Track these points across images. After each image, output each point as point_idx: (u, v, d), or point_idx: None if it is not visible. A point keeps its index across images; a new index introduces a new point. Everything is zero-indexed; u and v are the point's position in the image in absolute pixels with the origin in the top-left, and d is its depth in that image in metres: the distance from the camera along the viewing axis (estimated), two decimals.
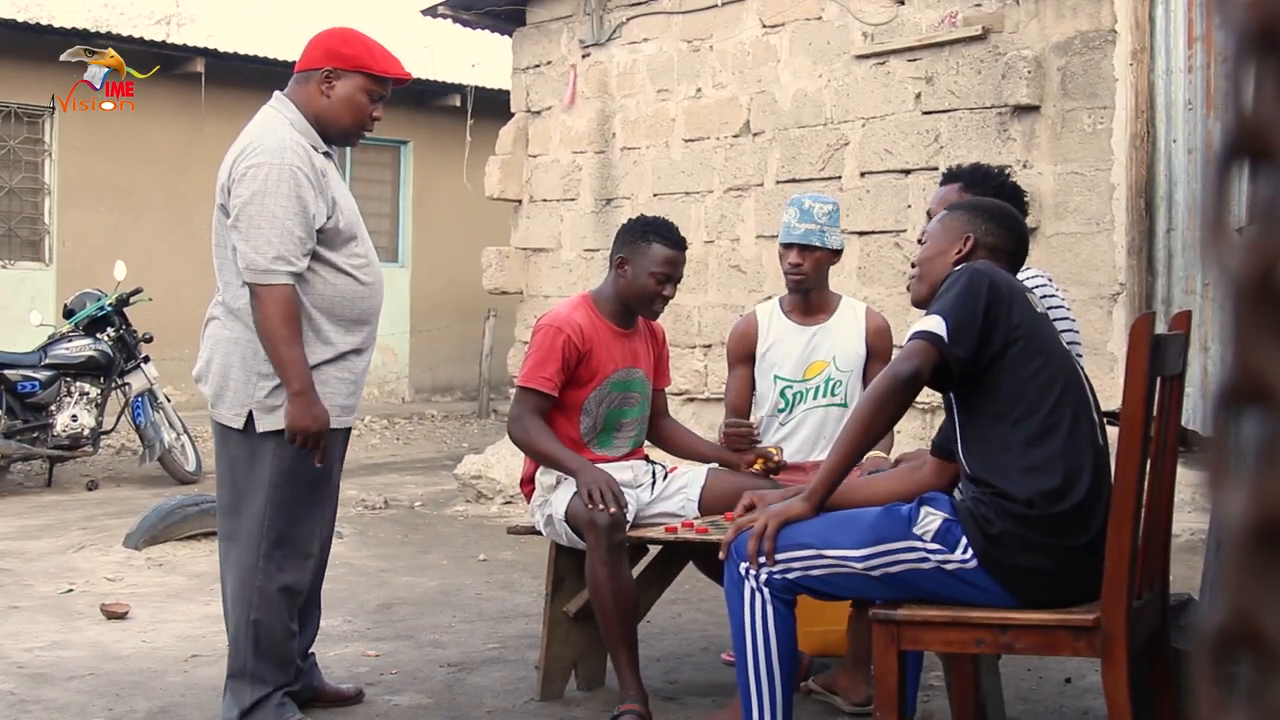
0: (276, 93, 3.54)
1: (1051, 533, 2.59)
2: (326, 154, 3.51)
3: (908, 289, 3.03)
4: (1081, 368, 2.82)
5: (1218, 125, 5.67)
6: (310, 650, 3.74)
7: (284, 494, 3.41)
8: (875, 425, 2.67)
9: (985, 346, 2.64)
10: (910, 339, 2.67)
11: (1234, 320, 0.59)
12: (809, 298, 4.03)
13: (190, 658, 4.34)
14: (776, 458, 3.79)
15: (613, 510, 3.50)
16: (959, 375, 2.65)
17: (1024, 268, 3.47)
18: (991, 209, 2.99)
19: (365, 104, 3.51)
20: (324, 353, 3.42)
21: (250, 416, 3.39)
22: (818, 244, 3.92)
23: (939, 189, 3.61)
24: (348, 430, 3.60)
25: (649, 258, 3.76)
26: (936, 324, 2.63)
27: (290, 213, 3.30)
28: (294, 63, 3.64)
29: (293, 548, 3.46)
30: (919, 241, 3.03)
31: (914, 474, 2.97)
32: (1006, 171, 3.60)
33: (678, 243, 3.82)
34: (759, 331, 4.07)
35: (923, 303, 2.93)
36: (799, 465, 3.89)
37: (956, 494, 2.81)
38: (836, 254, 4.00)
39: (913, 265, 2.99)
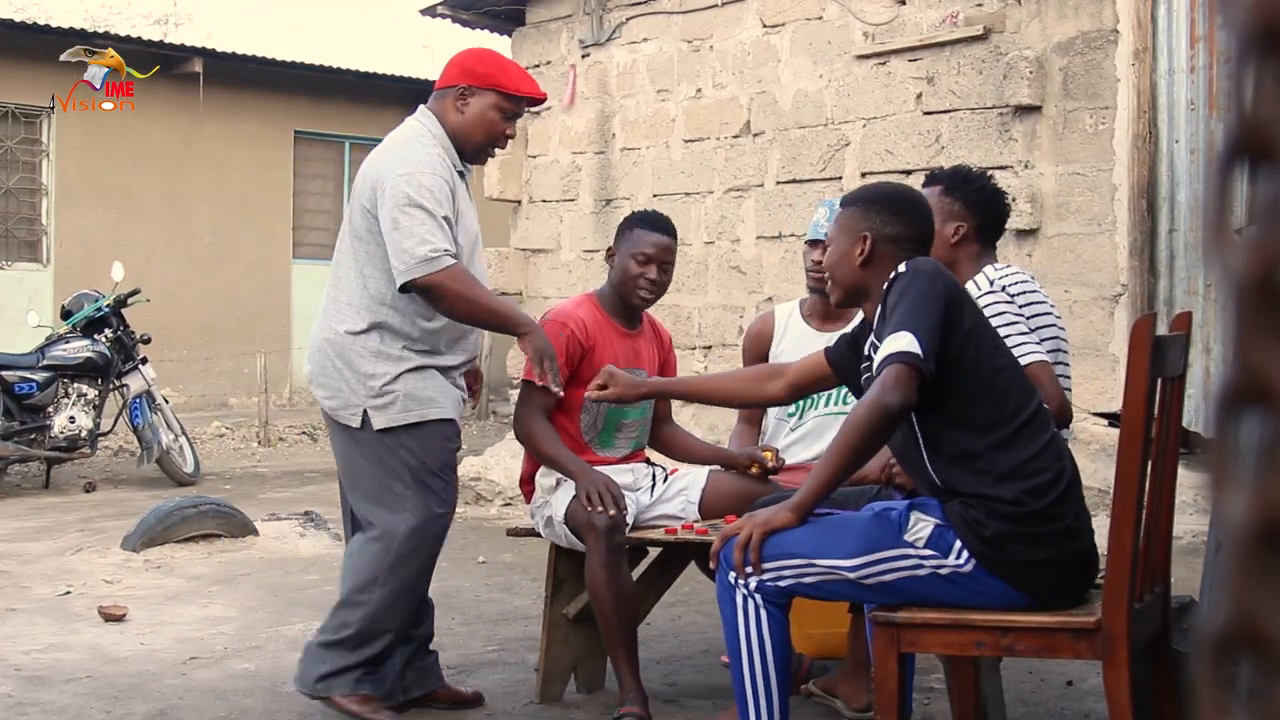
0: (422, 107, 3.64)
1: (1043, 522, 2.59)
2: (461, 172, 3.61)
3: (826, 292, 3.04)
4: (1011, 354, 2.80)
5: (1220, 125, 5.66)
6: (431, 648, 3.80)
7: (421, 482, 3.52)
8: (863, 454, 2.66)
9: (946, 351, 2.61)
10: (889, 362, 2.58)
11: (1235, 321, 0.58)
12: (828, 303, 4.02)
13: (188, 660, 4.33)
14: (772, 462, 3.78)
15: (611, 512, 3.50)
16: (931, 388, 2.61)
17: (1005, 265, 3.45)
18: (884, 198, 2.91)
19: (498, 121, 3.58)
20: (415, 359, 3.53)
21: (365, 415, 3.51)
22: None
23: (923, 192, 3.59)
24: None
25: (631, 242, 3.79)
26: (910, 342, 2.56)
27: (440, 201, 3.42)
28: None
29: (427, 535, 3.56)
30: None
31: (766, 380, 3.24)
32: (989, 174, 3.58)
33: (661, 227, 3.82)
34: (774, 331, 4.07)
35: (843, 304, 3.01)
36: (802, 466, 3.88)
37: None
38: None
39: (821, 267, 3.00)
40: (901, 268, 2.70)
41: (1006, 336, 3.04)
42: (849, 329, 3.12)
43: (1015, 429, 2.62)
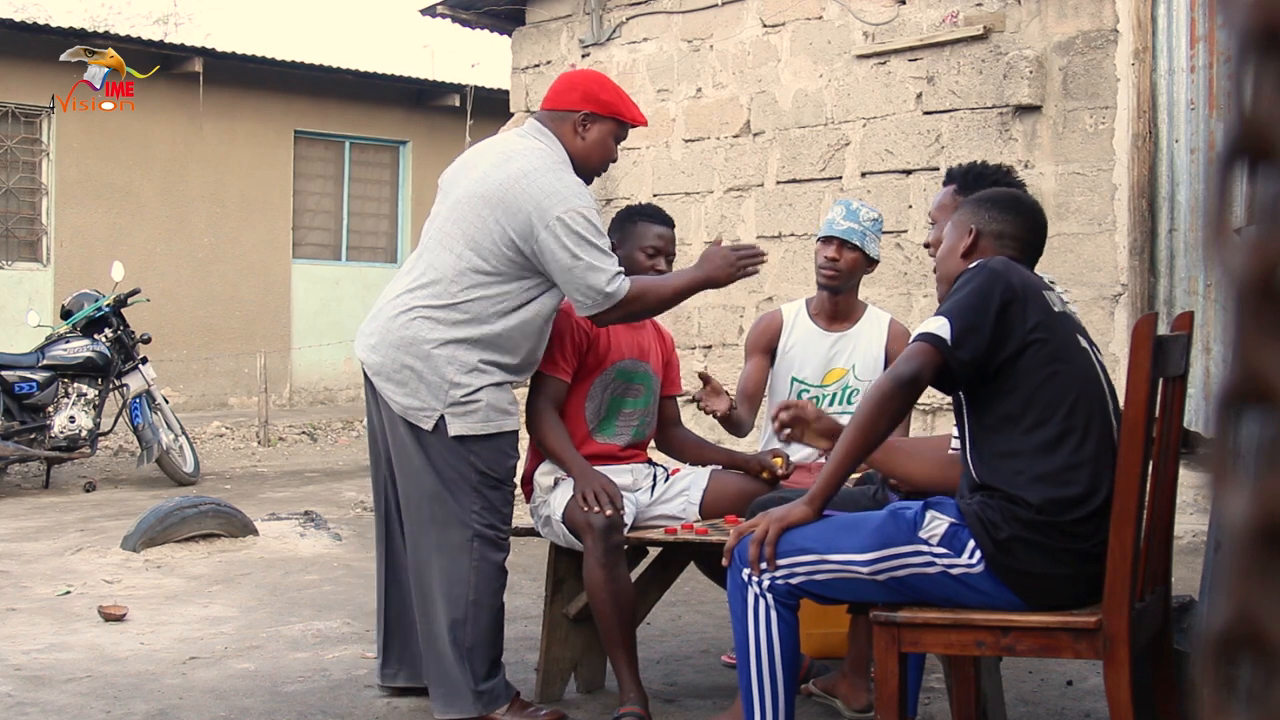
0: (535, 124, 3.71)
1: (1061, 538, 2.57)
2: None
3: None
4: (1102, 364, 2.77)
5: (1220, 125, 5.66)
6: None
7: (488, 487, 3.55)
8: (876, 428, 2.64)
9: (998, 349, 2.59)
10: (913, 341, 2.63)
11: (1236, 321, 0.58)
12: (836, 303, 4.03)
13: (188, 660, 4.33)
14: (782, 469, 3.78)
15: (608, 512, 3.50)
16: (964, 378, 2.61)
17: None
18: (996, 197, 2.93)
19: (613, 148, 3.74)
20: (498, 376, 3.56)
21: (441, 420, 3.49)
22: (857, 243, 3.92)
23: (939, 192, 3.60)
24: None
25: (637, 236, 3.86)
26: (940, 326, 2.58)
27: (601, 231, 3.54)
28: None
29: (498, 530, 3.60)
30: (925, 245, 3.03)
31: (953, 467, 2.92)
32: (1006, 169, 3.59)
33: (664, 220, 3.92)
34: (783, 329, 4.08)
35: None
36: (806, 466, 3.88)
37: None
38: (871, 264, 4.00)
39: (935, 270, 2.99)
40: (974, 264, 2.70)
41: None
42: None
43: (1066, 432, 2.59)
